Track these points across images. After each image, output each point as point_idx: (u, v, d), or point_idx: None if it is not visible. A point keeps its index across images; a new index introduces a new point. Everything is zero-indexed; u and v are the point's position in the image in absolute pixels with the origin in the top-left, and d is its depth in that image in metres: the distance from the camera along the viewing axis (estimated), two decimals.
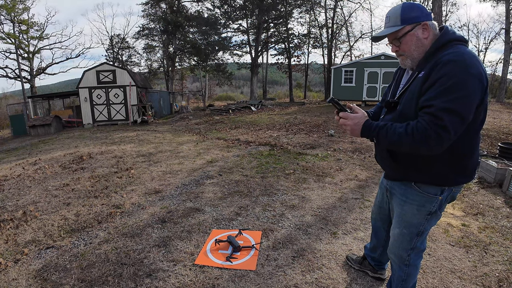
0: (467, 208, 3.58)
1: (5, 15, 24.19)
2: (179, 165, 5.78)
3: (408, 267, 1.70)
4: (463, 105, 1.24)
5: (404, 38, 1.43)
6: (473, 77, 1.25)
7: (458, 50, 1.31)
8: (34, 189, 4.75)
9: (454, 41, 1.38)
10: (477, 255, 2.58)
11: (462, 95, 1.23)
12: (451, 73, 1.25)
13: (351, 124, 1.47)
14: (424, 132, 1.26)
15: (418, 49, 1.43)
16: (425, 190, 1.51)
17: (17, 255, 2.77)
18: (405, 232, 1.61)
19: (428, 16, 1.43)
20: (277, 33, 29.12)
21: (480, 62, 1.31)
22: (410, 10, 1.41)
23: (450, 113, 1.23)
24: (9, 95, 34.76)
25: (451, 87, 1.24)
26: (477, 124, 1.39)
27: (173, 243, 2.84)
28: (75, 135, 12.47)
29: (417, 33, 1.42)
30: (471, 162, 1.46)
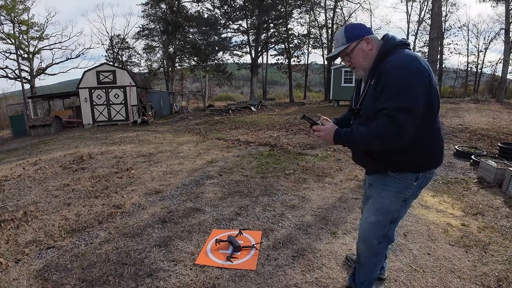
0: (467, 208, 3.58)
1: (5, 16, 24.22)
2: (179, 165, 5.79)
3: (376, 257, 1.81)
4: (410, 102, 1.41)
5: (352, 53, 1.65)
6: (414, 75, 1.44)
7: (398, 55, 1.52)
8: (35, 189, 4.76)
9: (395, 47, 1.57)
10: (476, 255, 2.58)
11: (408, 94, 1.42)
12: (395, 78, 1.44)
13: (323, 135, 1.68)
14: (383, 132, 1.45)
15: (366, 60, 1.65)
16: (402, 177, 1.66)
17: (18, 255, 2.78)
18: (381, 219, 1.73)
19: (368, 31, 1.66)
20: (277, 34, 29.13)
21: (420, 60, 1.49)
22: (352, 29, 1.65)
23: (401, 111, 1.41)
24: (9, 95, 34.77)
25: (398, 89, 1.43)
26: (432, 114, 1.57)
27: (173, 243, 2.84)
28: (75, 135, 12.48)
29: (362, 46, 1.63)
30: (436, 148, 1.66)
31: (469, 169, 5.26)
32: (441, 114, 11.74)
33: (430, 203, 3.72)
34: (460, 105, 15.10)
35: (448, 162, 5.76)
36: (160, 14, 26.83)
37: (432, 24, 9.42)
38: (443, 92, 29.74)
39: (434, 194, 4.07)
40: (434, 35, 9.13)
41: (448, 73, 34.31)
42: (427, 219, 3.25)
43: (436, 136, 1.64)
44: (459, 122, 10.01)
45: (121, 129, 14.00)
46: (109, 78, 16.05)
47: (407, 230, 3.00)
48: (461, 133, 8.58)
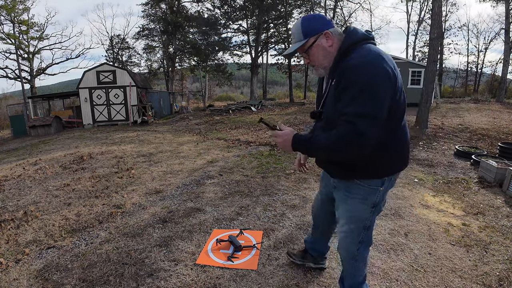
0: (468, 208, 3.58)
1: (5, 16, 24.22)
2: (180, 165, 5.79)
3: (357, 262, 1.73)
4: (374, 108, 1.28)
5: (311, 49, 1.49)
6: (378, 76, 1.30)
7: (362, 52, 1.36)
8: (35, 189, 4.76)
9: (358, 42, 1.41)
10: (477, 254, 2.58)
11: (371, 98, 1.28)
12: (358, 79, 1.29)
13: (280, 141, 1.50)
14: (343, 141, 1.30)
15: (326, 57, 1.49)
16: (367, 183, 1.54)
17: (18, 255, 2.77)
18: (353, 227, 1.64)
19: (328, 24, 1.48)
20: (277, 34, 29.11)
21: (385, 58, 1.35)
22: (309, 23, 1.47)
23: (363, 117, 1.27)
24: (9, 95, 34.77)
25: (360, 92, 1.28)
26: (398, 117, 1.45)
27: (174, 243, 2.84)
28: (75, 135, 12.48)
29: (321, 42, 1.47)
30: (404, 150, 1.55)
31: (469, 169, 5.25)
32: (442, 113, 11.75)
33: (431, 203, 3.72)
34: (460, 105, 15.11)
35: (448, 162, 5.76)
36: (160, 14, 26.83)
37: (432, 24, 9.41)
38: (443, 92, 29.73)
39: (434, 194, 4.06)
40: (434, 35, 9.12)
41: (448, 73, 34.34)
42: (428, 219, 3.24)
43: (403, 140, 1.53)
44: (459, 122, 10.01)
45: (121, 129, 14.00)
46: (109, 78, 16.05)
47: (408, 230, 2.99)
48: (462, 133, 8.58)
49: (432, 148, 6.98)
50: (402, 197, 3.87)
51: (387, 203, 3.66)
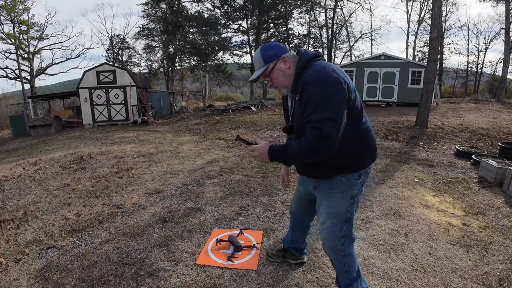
0: (468, 208, 3.58)
1: (5, 16, 24.21)
2: (180, 165, 5.79)
3: (345, 258, 1.82)
4: (332, 112, 1.47)
5: (272, 73, 1.69)
6: (331, 86, 1.50)
7: (314, 68, 1.57)
8: (35, 189, 4.76)
9: (310, 60, 1.63)
10: (477, 254, 2.58)
11: (328, 105, 1.47)
12: (314, 91, 1.50)
13: (258, 154, 1.66)
14: (311, 144, 1.48)
15: (286, 78, 1.69)
16: (347, 178, 1.72)
17: (18, 255, 2.77)
18: (335, 221, 1.76)
19: (284, 49, 1.70)
20: (277, 33, 29.13)
21: (336, 70, 1.56)
22: (267, 51, 1.68)
23: (324, 122, 1.45)
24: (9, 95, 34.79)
25: (318, 101, 1.48)
26: (356, 116, 1.64)
27: (174, 243, 2.84)
28: (75, 135, 12.48)
29: (279, 66, 1.67)
30: (370, 146, 1.76)
31: (469, 169, 5.25)
32: (442, 113, 11.75)
33: (431, 203, 3.71)
34: (461, 105, 15.11)
35: (448, 162, 5.76)
36: (160, 14, 26.83)
37: (432, 23, 9.41)
38: (443, 92, 29.74)
39: (435, 194, 4.06)
40: (434, 35, 9.11)
41: (448, 73, 34.32)
42: (428, 219, 3.24)
43: (368, 135, 1.73)
44: (459, 122, 10.01)
45: (121, 129, 14.00)
46: (109, 78, 16.05)
47: (408, 230, 2.99)
48: (462, 132, 8.58)
49: (432, 148, 6.98)
50: (402, 197, 3.87)
51: (387, 203, 3.66)
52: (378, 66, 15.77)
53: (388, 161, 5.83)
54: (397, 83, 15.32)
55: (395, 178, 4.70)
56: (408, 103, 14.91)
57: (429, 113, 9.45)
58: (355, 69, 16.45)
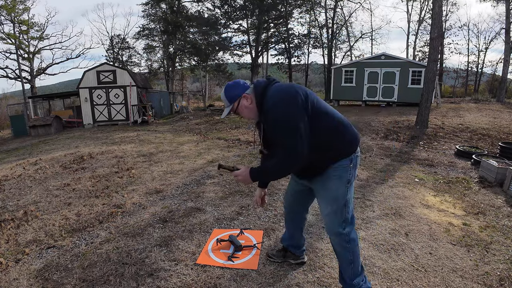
0: (468, 207, 3.58)
1: (5, 16, 24.21)
2: (180, 165, 5.79)
3: (349, 243, 1.89)
4: (295, 128, 1.65)
5: (238, 110, 1.88)
6: (285, 106, 1.68)
7: (269, 94, 1.76)
8: (35, 189, 4.76)
9: (263, 89, 1.80)
10: (478, 254, 2.57)
11: (289, 123, 1.65)
12: (273, 117, 1.70)
13: (241, 178, 1.86)
14: (284, 161, 1.70)
15: (250, 112, 1.87)
16: (339, 164, 1.84)
17: (18, 255, 2.77)
18: (335, 207, 1.87)
19: (244, 87, 1.85)
20: (277, 33, 29.08)
21: (289, 85, 1.79)
22: (230, 92, 1.85)
23: (290, 138, 1.65)
24: (9, 95, 34.79)
25: (281, 125, 1.67)
26: (322, 116, 1.78)
27: (174, 243, 2.84)
28: (75, 135, 12.48)
29: (243, 103, 1.85)
30: (345, 134, 1.85)
31: (470, 169, 5.25)
32: (442, 113, 11.74)
33: (432, 203, 3.71)
34: (461, 104, 15.10)
35: (449, 161, 5.76)
36: (160, 14, 26.79)
37: (432, 23, 9.40)
38: (443, 92, 29.73)
39: (435, 193, 4.06)
40: (434, 35, 9.10)
41: (449, 73, 34.29)
42: (429, 219, 3.24)
43: (339, 126, 1.84)
44: (459, 121, 10.00)
45: (121, 129, 13.99)
46: (110, 78, 16.04)
47: (408, 230, 2.99)
48: (462, 132, 8.58)
49: (432, 148, 6.98)
50: (402, 197, 3.87)
51: (387, 203, 3.66)
52: (379, 66, 15.76)
53: (389, 161, 5.83)
54: (397, 83, 15.31)
55: (396, 178, 4.70)
56: (408, 103, 14.90)
57: (429, 113, 9.44)
58: (355, 69, 16.44)
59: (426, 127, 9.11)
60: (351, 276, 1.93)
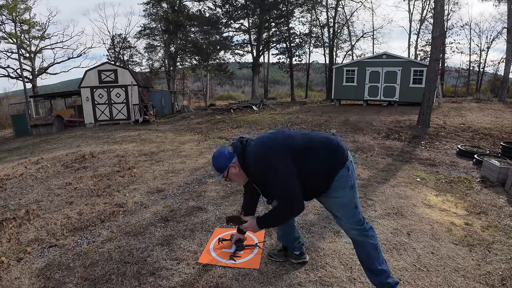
0: (470, 207, 3.57)
1: (7, 15, 24.23)
2: (181, 164, 5.79)
3: (370, 239, 1.97)
4: (285, 182, 1.81)
5: (229, 177, 2.03)
6: (270, 163, 1.82)
7: (249, 159, 1.92)
8: (37, 188, 4.76)
9: (242, 149, 1.96)
10: (480, 254, 2.57)
11: (274, 180, 1.82)
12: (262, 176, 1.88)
13: (250, 229, 2.09)
14: (285, 208, 1.86)
15: (240, 178, 2.04)
16: (339, 176, 1.91)
17: (20, 254, 2.78)
18: (347, 210, 1.96)
19: (230, 158, 1.98)
20: (279, 33, 29.04)
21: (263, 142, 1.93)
22: (217, 163, 1.99)
23: (281, 192, 1.83)
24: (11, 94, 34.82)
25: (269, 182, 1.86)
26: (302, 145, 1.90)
27: (176, 242, 2.84)
28: (77, 134, 12.50)
29: (231, 172, 1.99)
30: (332, 146, 1.93)
31: (472, 168, 5.23)
32: (444, 113, 11.71)
33: (434, 202, 3.70)
34: (463, 104, 15.05)
35: (451, 161, 5.74)
36: (162, 13, 26.82)
37: (434, 22, 9.37)
38: (445, 91, 29.64)
39: (437, 193, 4.05)
40: (436, 34, 9.08)
41: (450, 72, 34.18)
42: (431, 218, 3.23)
43: (323, 142, 1.94)
44: (461, 121, 9.97)
45: (122, 128, 14.01)
46: (111, 77, 16.05)
47: (410, 229, 2.98)
48: (464, 132, 8.55)
49: (434, 148, 6.96)
50: (404, 197, 3.86)
51: (389, 202, 3.65)
52: (380, 65, 15.71)
53: (390, 160, 5.82)
54: (399, 83, 15.26)
55: (397, 177, 4.69)
56: (410, 102, 14.85)
57: (431, 112, 9.42)
58: (356, 69, 16.40)
59: (428, 126, 9.09)
60: (380, 262, 1.96)
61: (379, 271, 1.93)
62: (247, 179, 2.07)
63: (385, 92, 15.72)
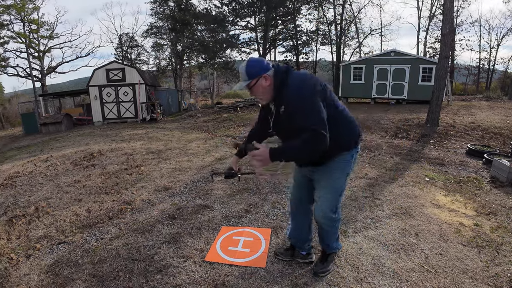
0: (479, 208, 3.52)
1: (15, 15, 24.57)
2: (188, 162, 5.81)
3: (336, 222, 2.17)
4: (317, 113, 1.77)
5: (254, 87, 1.93)
6: (309, 94, 1.81)
7: (291, 82, 1.86)
8: (46, 186, 4.84)
9: (284, 74, 1.89)
10: (489, 255, 2.53)
11: (312, 109, 1.78)
12: (303, 103, 1.80)
13: (260, 159, 1.82)
14: (310, 143, 1.75)
15: (265, 93, 1.94)
16: (343, 159, 2.03)
17: (29, 251, 2.82)
18: (333, 195, 2.07)
19: (267, 67, 1.91)
20: (285, 30, 28.93)
21: (307, 77, 1.92)
22: (251, 68, 1.91)
23: (315, 123, 1.75)
24: (20, 93, 35.42)
25: (308, 111, 1.78)
26: (334, 110, 1.93)
27: (183, 240, 2.86)
28: (85, 132, 12.64)
29: (261, 83, 1.90)
30: (355, 129, 2.08)
31: (481, 168, 5.16)
32: (453, 111, 11.55)
33: (442, 203, 3.66)
34: (472, 102, 14.82)
35: (460, 161, 5.66)
36: (168, 12, 26.90)
37: (444, 19, 9.23)
38: (454, 89, 29.20)
39: (446, 193, 4.00)
40: (446, 31, 8.94)
41: (460, 70, 33.69)
42: (440, 219, 3.19)
43: (350, 121, 2.05)
44: (471, 120, 9.83)
45: (130, 126, 14.12)
46: (118, 76, 16.18)
47: (419, 230, 2.95)
48: (474, 131, 8.43)
49: (443, 147, 6.88)
50: (413, 197, 3.82)
51: (397, 202, 3.62)
52: (388, 62, 15.54)
53: (398, 159, 5.76)
54: (407, 80, 15.08)
55: (406, 177, 4.65)
56: (418, 100, 14.66)
57: (440, 110, 9.29)
58: (364, 66, 16.25)
59: (437, 125, 8.97)
60: (335, 243, 2.31)
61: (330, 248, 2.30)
62: (270, 100, 1.98)
63: (393, 90, 15.55)
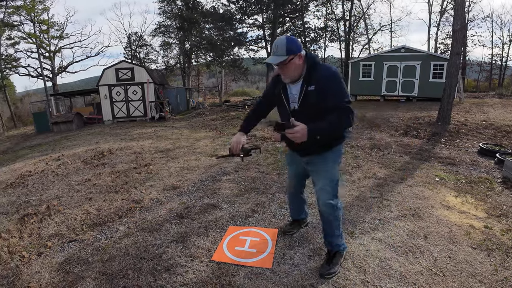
0: (490, 209, 3.45)
1: (25, 16, 24.99)
2: (196, 161, 5.85)
3: (338, 210, 2.27)
4: (346, 93, 2.02)
5: (288, 64, 2.01)
6: (338, 73, 2.04)
7: (324, 66, 2.06)
8: (57, 184, 4.93)
9: (316, 59, 2.07)
10: (498, 259, 2.49)
11: (346, 91, 2.01)
12: (335, 83, 2.00)
13: (299, 136, 1.88)
14: (347, 119, 1.97)
15: (296, 71, 2.06)
16: (337, 150, 2.26)
17: (41, 248, 2.89)
18: (331, 185, 2.22)
19: (301, 47, 2.03)
20: (293, 27, 28.73)
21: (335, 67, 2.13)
22: (292, 44, 1.97)
23: (348, 102, 1.98)
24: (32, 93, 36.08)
25: (340, 89, 2.00)
26: None
27: (190, 239, 2.88)
28: (95, 131, 12.82)
29: (296, 60, 2.01)
30: (347, 131, 2.28)
31: (493, 168, 5.06)
32: (465, 109, 11.35)
33: (452, 204, 3.60)
34: (485, 99, 14.53)
35: (471, 160, 5.56)
36: (176, 11, 27.02)
37: (455, 14, 9.04)
38: (466, 86, 28.64)
39: (456, 194, 3.94)
40: (457, 26, 8.76)
41: (472, 66, 32.97)
42: (449, 221, 3.15)
43: (349, 122, 2.15)
44: (483, 118, 9.63)
45: (139, 125, 14.27)
46: (128, 75, 16.34)
47: (427, 232, 2.91)
48: (486, 129, 8.26)
49: (454, 146, 6.76)
50: (422, 197, 3.77)
51: (406, 203, 3.58)
52: (398, 59, 15.31)
53: (408, 158, 5.69)
54: (418, 77, 14.84)
55: (415, 177, 4.59)
56: (429, 97, 14.42)
57: (451, 108, 9.13)
58: (373, 63, 16.05)
59: (448, 123, 8.82)
60: (338, 239, 2.37)
61: (334, 246, 2.37)
62: (296, 78, 2.09)
63: (404, 87, 15.33)
